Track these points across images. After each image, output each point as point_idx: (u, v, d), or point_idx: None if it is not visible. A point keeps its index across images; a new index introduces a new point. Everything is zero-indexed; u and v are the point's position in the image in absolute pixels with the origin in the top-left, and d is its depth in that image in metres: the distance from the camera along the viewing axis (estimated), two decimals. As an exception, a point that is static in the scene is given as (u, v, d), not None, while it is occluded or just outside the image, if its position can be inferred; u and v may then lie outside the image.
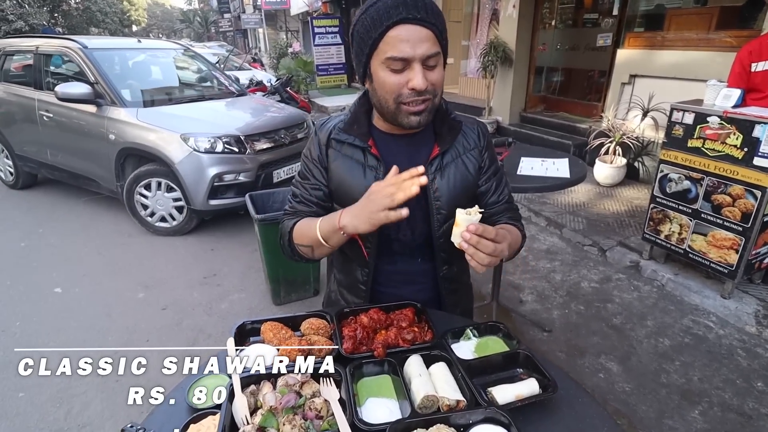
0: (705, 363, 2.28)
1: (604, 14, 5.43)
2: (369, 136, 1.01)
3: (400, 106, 0.91)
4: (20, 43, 4.66)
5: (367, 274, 1.09)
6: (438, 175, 1.02)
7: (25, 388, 2.17)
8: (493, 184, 1.10)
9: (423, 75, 0.87)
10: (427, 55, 0.86)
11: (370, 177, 0.99)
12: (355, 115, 1.04)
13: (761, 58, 2.51)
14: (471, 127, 1.09)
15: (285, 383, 0.75)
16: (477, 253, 0.80)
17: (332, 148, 1.05)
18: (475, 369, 0.82)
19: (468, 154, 1.06)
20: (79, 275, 3.23)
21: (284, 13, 19.52)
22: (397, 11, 0.84)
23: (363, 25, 0.89)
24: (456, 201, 1.03)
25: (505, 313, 2.68)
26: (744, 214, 2.42)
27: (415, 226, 1.05)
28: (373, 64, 0.90)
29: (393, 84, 0.88)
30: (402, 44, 0.85)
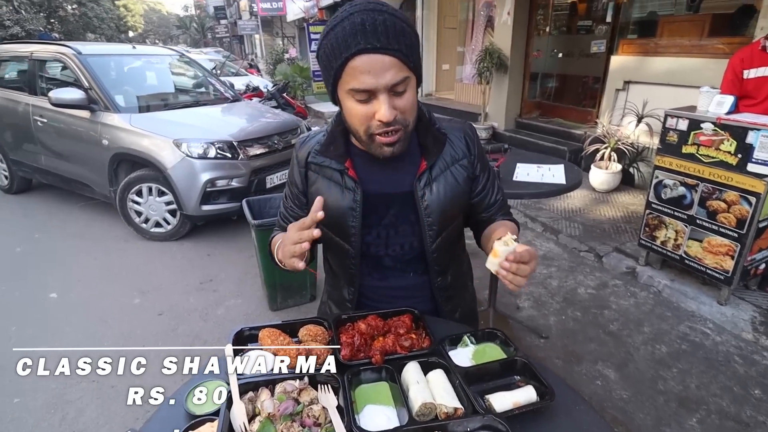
0: (702, 370, 2.29)
1: (597, 21, 5.49)
2: (346, 157, 0.98)
3: (372, 137, 0.88)
4: (15, 49, 4.66)
5: (353, 293, 1.09)
6: (427, 190, 0.99)
7: (20, 393, 2.15)
8: (488, 188, 1.08)
9: (389, 105, 0.83)
10: (393, 83, 0.82)
11: (348, 198, 0.98)
12: (331, 135, 1.00)
13: (753, 65, 2.55)
14: (458, 135, 1.04)
15: (283, 390, 0.75)
16: (516, 278, 0.80)
17: (311, 170, 1.03)
18: (472, 376, 0.82)
19: (457, 165, 1.03)
20: (75, 280, 3.21)
21: (280, 19, 19.62)
22: (355, 41, 0.79)
23: (325, 52, 0.85)
24: (447, 214, 1.02)
25: (502, 319, 2.68)
26: (739, 220, 2.43)
27: (404, 242, 1.04)
28: (340, 93, 0.87)
29: (360, 115, 0.85)
30: (363, 76, 0.81)
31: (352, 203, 0.98)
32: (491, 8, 6.78)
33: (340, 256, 1.06)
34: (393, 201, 1.01)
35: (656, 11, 4.72)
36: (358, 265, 1.05)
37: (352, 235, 1.01)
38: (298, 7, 14.14)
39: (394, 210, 1.01)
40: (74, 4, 27.31)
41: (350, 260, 1.04)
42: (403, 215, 1.01)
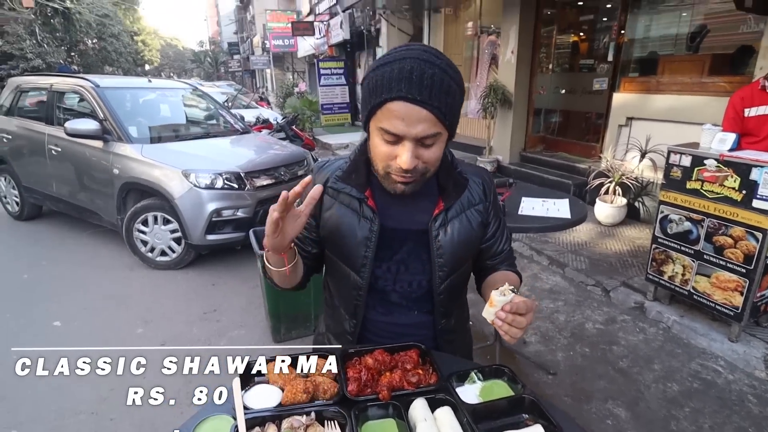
0: (715, 410, 2.22)
1: (599, 60, 5.65)
2: (367, 187, 0.99)
3: (388, 175, 0.90)
4: (36, 81, 4.85)
5: (354, 326, 1.07)
6: (442, 231, 1.00)
7: (17, 424, 2.12)
8: (498, 236, 1.10)
9: (412, 154, 0.84)
10: (422, 136, 0.84)
11: (364, 227, 0.98)
12: (354, 164, 1.01)
13: (753, 103, 2.60)
14: (476, 181, 1.06)
15: (290, 425, 0.74)
16: (511, 329, 0.81)
17: (328, 195, 1.03)
18: (480, 414, 0.81)
19: (473, 209, 1.04)
20: (80, 308, 3.21)
21: (291, 55, 20.28)
22: (399, 87, 0.81)
23: (368, 85, 0.87)
24: (458, 257, 1.03)
25: (508, 354, 2.63)
26: (746, 255, 2.42)
27: (413, 279, 1.04)
28: (371, 126, 0.90)
29: (383, 153, 0.88)
30: (396, 120, 0.82)
31: (368, 233, 0.98)
32: (495, 47, 7.00)
33: (346, 287, 1.05)
34: (407, 237, 1.01)
35: (656, 51, 4.85)
36: (364, 297, 1.04)
37: (362, 266, 1.00)
38: (309, 44, 14.64)
39: (407, 246, 1.02)
40: (95, 39, 28.46)
41: (357, 291, 1.03)
42: (416, 253, 1.02)
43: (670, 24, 4.68)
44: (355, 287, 1.03)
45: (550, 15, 6.11)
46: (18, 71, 18.89)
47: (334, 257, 1.06)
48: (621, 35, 5.02)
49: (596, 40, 5.94)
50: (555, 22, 6.20)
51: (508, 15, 5.94)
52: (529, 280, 3.62)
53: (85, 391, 2.36)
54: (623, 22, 4.96)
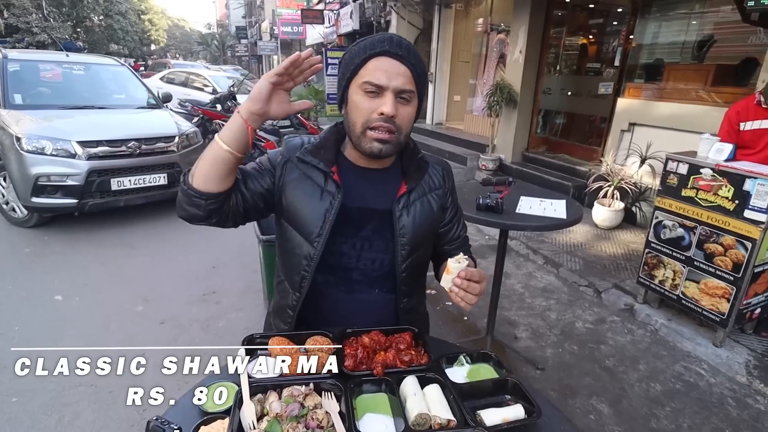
0: (695, 410, 2.30)
1: (606, 64, 5.68)
2: (334, 163, 1.05)
3: (366, 132, 0.96)
4: None
5: (297, 300, 1.09)
6: (405, 212, 1.07)
7: (18, 393, 2.18)
8: (455, 223, 1.19)
9: (393, 104, 0.93)
10: (401, 89, 0.94)
11: (326, 200, 1.03)
12: (324, 140, 1.08)
13: (748, 117, 2.64)
14: (436, 168, 1.16)
15: (290, 394, 0.80)
16: (467, 296, 0.88)
17: (293, 164, 1.06)
18: (466, 392, 0.87)
19: (433, 193, 1.12)
20: (81, 284, 3.27)
21: (299, 42, 20.19)
22: (381, 45, 0.94)
23: (350, 53, 0.99)
24: (420, 237, 1.09)
25: (499, 348, 2.70)
26: (735, 264, 2.48)
27: (376, 257, 1.09)
28: (351, 89, 0.98)
29: (365, 108, 0.95)
30: (379, 72, 0.93)
31: (329, 206, 1.03)
32: (504, 45, 7.01)
33: (297, 257, 1.06)
34: (372, 216, 1.07)
35: (663, 58, 4.88)
36: (312, 269, 1.05)
37: (316, 237, 1.03)
38: (318, 32, 14.59)
39: (371, 225, 1.08)
40: (101, 16, 28.25)
41: (307, 261, 1.05)
42: (379, 231, 1.08)
43: (678, 32, 4.71)
44: (306, 257, 1.05)
45: (560, 16, 6.12)
46: (23, 45, 18.81)
47: (290, 226, 1.08)
48: (629, 40, 5.05)
49: (604, 44, 5.97)
50: (564, 24, 6.21)
51: (519, 14, 5.95)
52: (524, 278, 3.69)
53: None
54: (632, 27, 4.99)
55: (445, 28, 8.65)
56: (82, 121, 4.44)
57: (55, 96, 4.81)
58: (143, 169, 4.32)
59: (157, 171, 4.42)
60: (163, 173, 4.46)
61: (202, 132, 7.46)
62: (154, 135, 4.46)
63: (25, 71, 4.80)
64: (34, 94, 4.69)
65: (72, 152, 3.94)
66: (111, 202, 4.24)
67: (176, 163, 4.55)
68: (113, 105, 5.10)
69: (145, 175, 4.32)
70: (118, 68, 5.64)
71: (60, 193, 3.95)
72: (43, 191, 3.90)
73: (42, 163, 3.87)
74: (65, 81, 5.03)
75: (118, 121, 4.69)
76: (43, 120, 4.22)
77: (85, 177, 3.96)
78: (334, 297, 1.11)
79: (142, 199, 4.41)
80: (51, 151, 3.89)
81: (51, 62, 5.09)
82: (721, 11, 4.20)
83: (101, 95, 5.17)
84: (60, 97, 4.82)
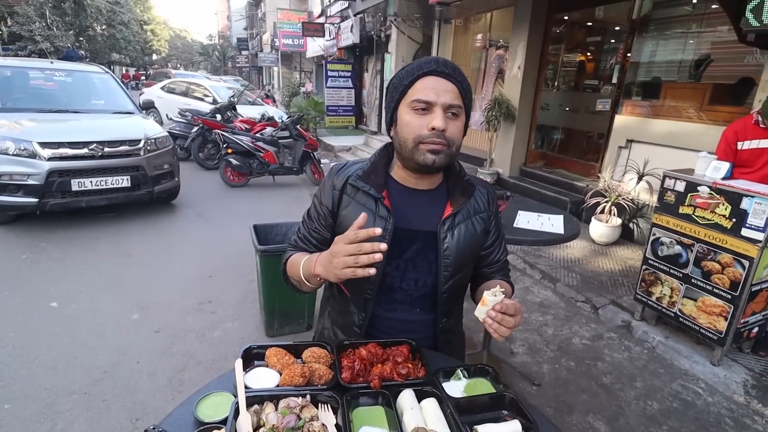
0: (693, 430, 2.28)
1: (604, 81, 5.75)
2: (384, 188, 1.07)
3: (419, 146, 0.99)
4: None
5: (363, 318, 1.12)
6: (449, 234, 1.08)
7: (11, 400, 2.16)
8: (496, 246, 1.19)
9: (443, 119, 0.97)
10: (450, 104, 0.97)
11: (379, 226, 1.02)
12: (374, 165, 1.11)
13: (746, 137, 2.67)
14: (482, 191, 1.17)
15: (287, 405, 0.80)
16: (500, 328, 0.89)
17: (346, 194, 1.10)
18: (463, 407, 0.87)
19: (477, 216, 1.13)
20: (76, 291, 3.25)
21: (300, 54, 20.39)
22: (429, 65, 0.99)
23: (398, 77, 1.03)
24: (463, 259, 1.10)
25: (495, 363, 2.69)
26: (733, 282, 2.49)
27: (419, 278, 1.10)
28: (401, 109, 1.02)
29: (415, 125, 0.98)
30: (427, 90, 0.97)
31: (383, 231, 1.04)
32: (503, 61, 7.10)
33: (359, 281, 1.07)
34: (417, 237, 1.09)
35: (660, 76, 4.95)
36: (375, 292, 1.09)
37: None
38: (318, 45, 14.75)
39: (416, 246, 1.09)
40: (104, 25, 28.51)
41: (368, 286, 1.09)
42: (424, 252, 1.09)
43: (675, 50, 4.78)
44: (367, 282, 1.08)
45: (558, 33, 6.22)
46: (25, 53, 18.94)
47: None
48: (627, 58, 5.12)
49: (602, 61, 6.05)
50: (563, 41, 6.31)
51: (518, 30, 6.04)
52: (521, 292, 3.69)
53: (78, 373, 2.40)
54: (630, 45, 5.06)
55: (444, 43, 8.76)
56: (49, 124, 4.55)
57: (32, 100, 4.97)
58: (105, 170, 4.41)
59: (120, 173, 4.49)
60: (127, 176, 4.53)
61: (202, 142, 7.53)
62: (118, 138, 4.54)
63: (7, 76, 5.03)
64: (13, 98, 4.90)
65: (33, 152, 4.08)
66: (72, 203, 4.31)
67: (141, 166, 4.62)
68: (89, 110, 5.25)
69: (107, 177, 4.41)
70: (102, 76, 5.80)
71: (21, 192, 4.09)
72: (4, 190, 4.05)
73: (4, 162, 4.01)
74: (46, 86, 5.23)
75: (86, 125, 4.81)
76: (12, 123, 4.35)
77: (45, 177, 4.08)
78: (376, 314, 1.13)
79: (104, 201, 4.47)
80: (13, 151, 4.04)
81: (34, 68, 5.28)
82: (718, 31, 4.28)
83: (79, 100, 5.30)
84: (37, 101, 4.98)
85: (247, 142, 6.46)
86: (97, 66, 6.23)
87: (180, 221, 5.01)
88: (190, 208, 5.44)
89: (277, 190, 6.67)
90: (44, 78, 5.22)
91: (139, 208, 5.19)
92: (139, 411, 2.16)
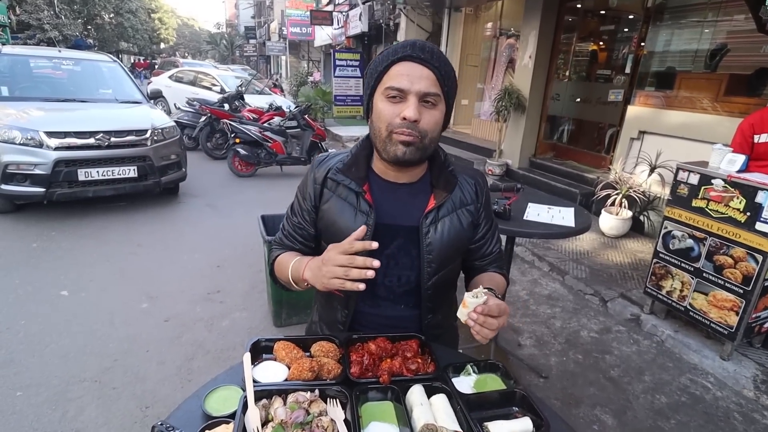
0: (701, 424, 2.26)
1: (616, 71, 5.64)
2: (365, 181, 1.03)
3: (391, 135, 0.94)
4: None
5: (346, 315, 1.10)
6: (432, 228, 1.04)
7: (23, 387, 2.20)
8: (488, 238, 1.14)
9: (416, 108, 0.91)
10: (424, 92, 0.92)
11: (360, 221, 1.00)
12: (355, 158, 1.06)
13: (763, 130, 2.61)
14: (468, 181, 1.11)
15: (295, 400, 0.79)
16: (483, 330, 0.87)
17: (327, 188, 1.07)
18: (473, 403, 0.86)
19: (464, 209, 1.08)
20: (87, 280, 3.29)
21: (308, 43, 20.26)
22: (404, 50, 0.93)
23: (374, 62, 0.98)
24: (447, 255, 1.06)
25: (502, 355, 2.68)
26: (745, 276, 2.45)
27: (402, 274, 1.07)
28: (376, 97, 0.97)
29: (388, 113, 0.94)
30: (401, 77, 0.92)
31: (363, 225, 1.00)
32: (513, 50, 7.00)
33: None
34: (398, 233, 1.05)
35: (674, 66, 4.84)
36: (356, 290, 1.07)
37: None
38: (326, 34, 14.64)
39: (397, 241, 1.05)
40: (112, 14, 28.50)
41: None
42: (405, 248, 1.05)
43: (690, 40, 4.67)
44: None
45: (571, 22, 6.10)
46: (34, 41, 19.00)
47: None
48: (641, 47, 5.02)
49: (615, 51, 5.93)
50: (575, 30, 6.19)
51: (529, 19, 5.94)
52: (529, 285, 3.67)
53: (90, 361, 2.43)
54: (644, 35, 4.96)
55: (454, 32, 8.65)
56: (56, 113, 4.56)
57: (40, 89, 4.96)
58: (112, 161, 4.41)
59: (126, 164, 4.49)
60: (133, 166, 4.52)
61: (209, 131, 7.53)
62: (125, 128, 4.53)
63: (16, 65, 5.04)
64: (21, 87, 4.90)
65: (40, 142, 4.08)
66: (79, 193, 4.32)
67: (148, 156, 4.61)
68: (97, 99, 5.22)
69: (114, 167, 4.42)
70: (110, 65, 5.77)
71: (29, 182, 4.11)
72: (12, 179, 4.07)
73: (11, 152, 4.03)
74: (54, 75, 5.22)
75: (93, 114, 4.79)
76: (20, 112, 4.34)
77: (51, 166, 4.09)
78: (360, 311, 1.11)
79: (111, 191, 4.47)
80: (20, 140, 4.04)
81: (42, 57, 5.28)
82: (735, 20, 4.17)
83: (86, 90, 5.29)
84: (45, 90, 4.97)
85: (255, 132, 6.45)
86: (105, 55, 6.24)
87: (188, 211, 5.03)
88: (198, 198, 5.46)
89: (285, 181, 6.67)
90: (52, 67, 5.22)
91: (147, 198, 5.22)
92: (149, 399, 2.18)
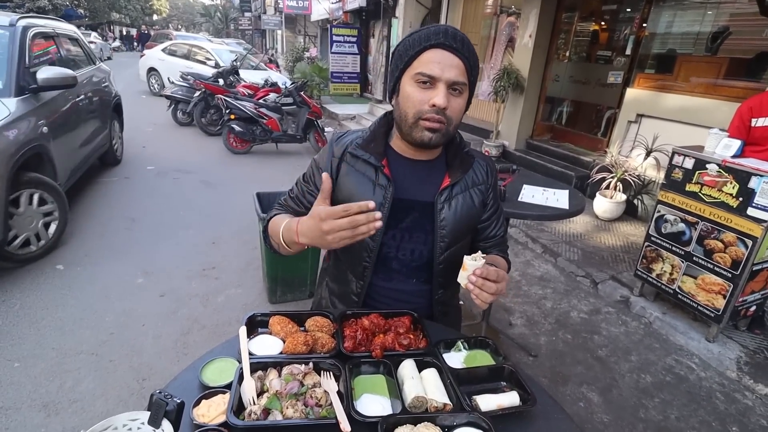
0: (684, 403, 2.34)
1: (617, 52, 5.57)
2: (384, 156, 1.06)
3: (418, 121, 0.97)
4: None
5: (361, 287, 1.13)
6: (446, 204, 1.08)
7: (20, 358, 2.22)
8: (494, 220, 1.18)
9: (446, 96, 0.94)
10: (454, 81, 0.94)
11: (378, 195, 1.04)
12: (373, 134, 1.09)
13: (762, 114, 2.61)
14: (481, 164, 1.15)
15: (290, 372, 0.81)
16: (481, 293, 0.88)
17: (346, 162, 1.09)
18: (462, 377, 0.89)
19: (476, 188, 1.12)
20: (81, 255, 3.29)
21: (304, 17, 19.80)
22: (437, 37, 0.94)
23: (404, 44, 0.99)
24: (459, 231, 1.10)
25: (493, 334, 2.74)
26: (734, 261, 2.49)
27: (415, 248, 1.10)
28: (404, 80, 0.98)
29: (417, 99, 0.95)
30: (433, 64, 0.93)
31: (383, 200, 1.04)
32: (514, 28, 6.88)
33: (357, 250, 1.09)
34: (414, 207, 1.08)
35: (675, 49, 4.79)
36: (373, 260, 1.10)
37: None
38: (324, 8, 14.30)
39: (413, 216, 1.08)
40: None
41: (366, 254, 1.09)
42: (420, 223, 1.09)
43: (693, 22, 4.61)
44: (366, 250, 1.09)
45: (572, 1, 5.99)
46: (23, 10, 18.44)
47: None
48: (642, 29, 4.95)
49: (616, 32, 5.84)
50: (577, 9, 6.08)
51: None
52: (522, 266, 3.71)
53: (86, 334, 2.46)
54: (646, 15, 4.88)
55: (453, 9, 8.48)
56: None
57: None
58: None
59: None
60: None
61: (204, 107, 7.41)
62: None
63: None
64: None
65: None
66: None
67: None
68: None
69: None
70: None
71: None
72: None
73: None
74: None
75: None
76: None
77: None
78: (373, 283, 1.14)
79: None
80: None
81: None
82: (738, 3, 4.11)
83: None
84: None
85: (250, 108, 6.37)
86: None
87: (183, 187, 5.01)
88: (192, 174, 5.43)
89: (280, 158, 6.63)
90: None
91: (142, 174, 5.18)
92: (145, 371, 2.22)
